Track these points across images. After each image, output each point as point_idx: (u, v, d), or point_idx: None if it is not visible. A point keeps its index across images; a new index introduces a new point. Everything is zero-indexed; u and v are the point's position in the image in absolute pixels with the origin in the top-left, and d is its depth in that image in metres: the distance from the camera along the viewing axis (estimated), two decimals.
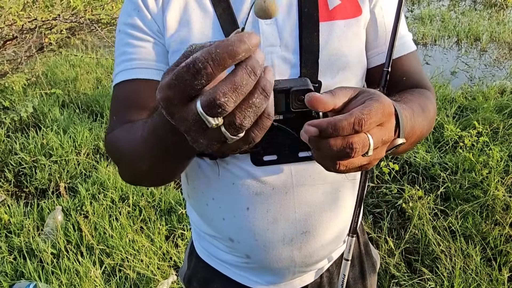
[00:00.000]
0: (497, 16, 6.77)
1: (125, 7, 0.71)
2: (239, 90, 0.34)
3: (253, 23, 0.65)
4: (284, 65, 0.65)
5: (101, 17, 3.25)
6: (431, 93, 0.72)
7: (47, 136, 2.97)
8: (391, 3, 0.72)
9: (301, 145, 0.57)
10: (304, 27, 0.64)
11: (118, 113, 0.69)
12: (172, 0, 0.67)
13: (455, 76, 4.37)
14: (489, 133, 2.82)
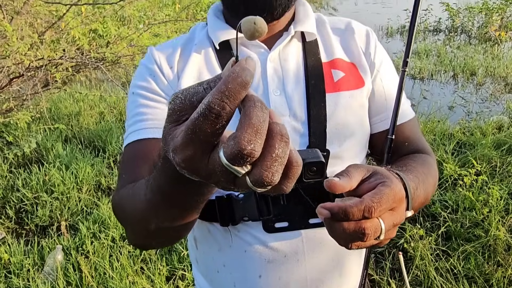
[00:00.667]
0: (492, 51, 6.94)
1: (140, 72, 0.74)
2: (260, 130, 0.32)
3: (263, 94, 0.68)
4: (294, 134, 0.67)
5: (106, 55, 3.34)
6: (432, 158, 0.76)
7: (49, 172, 2.99)
8: (390, 74, 0.78)
9: (311, 212, 0.60)
10: (311, 98, 0.68)
11: (127, 170, 0.68)
12: (186, 68, 0.71)
13: (453, 110, 4.44)
14: (487, 171, 2.84)
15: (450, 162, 2.92)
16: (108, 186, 3.02)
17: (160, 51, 0.74)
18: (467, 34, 8.72)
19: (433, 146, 3.18)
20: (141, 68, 0.74)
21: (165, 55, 0.73)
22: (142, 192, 0.54)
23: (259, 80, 0.68)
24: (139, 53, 3.37)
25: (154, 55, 0.73)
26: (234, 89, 0.32)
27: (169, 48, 0.74)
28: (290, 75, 0.69)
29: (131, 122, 0.71)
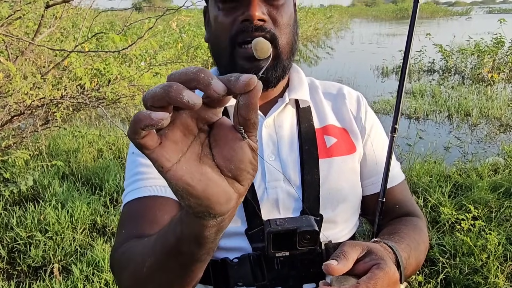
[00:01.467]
0: (485, 92, 7.09)
1: None
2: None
3: (258, 159, 0.68)
4: (288, 199, 0.69)
5: (106, 94, 3.40)
6: (422, 221, 0.77)
7: (45, 211, 2.97)
8: (380, 138, 0.81)
9: (306, 277, 0.61)
10: (305, 164, 0.70)
11: (129, 226, 0.66)
12: None
13: (449, 151, 4.48)
14: (485, 214, 2.84)
15: (447, 205, 2.92)
16: (103, 225, 2.99)
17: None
18: (460, 75, 8.94)
19: (430, 188, 3.19)
20: None
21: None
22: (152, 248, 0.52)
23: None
24: (140, 93, 3.43)
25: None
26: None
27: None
28: (285, 141, 0.71)
29: (130, 181, 0.71)
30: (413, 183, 3.36)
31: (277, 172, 0.69)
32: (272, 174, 0.69)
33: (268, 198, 0.67)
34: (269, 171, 0.69)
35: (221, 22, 0.65)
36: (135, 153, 0.72)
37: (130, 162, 0.73)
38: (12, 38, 2.73)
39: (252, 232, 0.64)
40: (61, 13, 3.59)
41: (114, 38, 2.36)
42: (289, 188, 0.69)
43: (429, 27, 22.39)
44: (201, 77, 0.32)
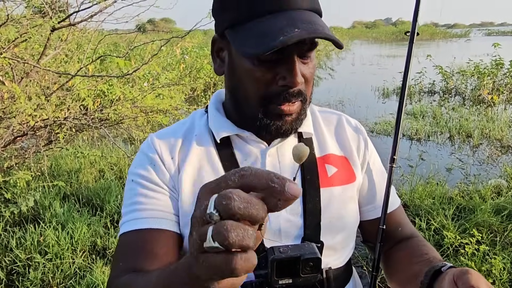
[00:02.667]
0: (486, 113, 7.11)
1: (140, 159, 0.73)
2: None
3: None
4: (290, 227, 0.70)
5: (109, 115, 3.43)
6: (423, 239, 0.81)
7: (45, 232, 2.95)
8: (378, 167, 0.84)
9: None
10: (307, 193, 0.71)
11: (126, 259, 0.66)
12: (187, 161, 0.71)
13: (451, 173, 4.47)
14: (489, 238, 2.81)
15: (450, 228, 2.90)
16: (103, 247, 2.96)
17: (161, 140, 0.74)
18: (461, 96, 8.99)
19: (432, 211, 3.16)
20: (141, 156, 0.74)
21: (166, 145, 0.73)
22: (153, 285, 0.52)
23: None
24: (142, 114, 3.46)
25: (155, 143, 0.73)
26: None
27: (170, 137, 0.74)
28: (287, 170, 0.72)
29: (128, 210, 0.70)
30: (416, 206, 3.34)
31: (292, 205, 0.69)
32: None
33: (270, 226, 0.67)
34: None
35: (257, 79, 0.63)
36: (134, 181, 0.71)
37: (129, 190, 0.72)
38: (18, 61, 2.78)
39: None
40: (66, 36, 3.66)
41: (119, 63, 2.39)
42: (290, 216, 0.70)
43: (429, 48, 22.67)
44: (276, 183, 0.34)
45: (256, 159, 0.71)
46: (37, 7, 3.48)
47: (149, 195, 0.69)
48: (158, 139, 0.74)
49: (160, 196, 0.69)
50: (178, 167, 0.71)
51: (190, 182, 0.70)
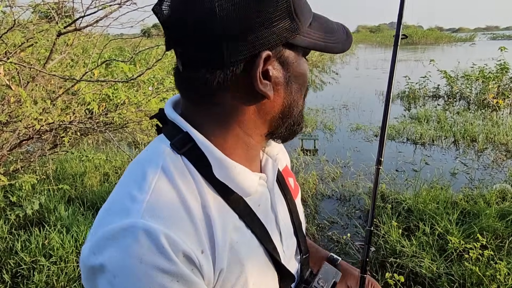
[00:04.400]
0: (491, 117, 7.08)
1: (153, 278, 0.45)
2: None
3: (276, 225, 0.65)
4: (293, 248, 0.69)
5: (114, 119, 3.45)
6: None
7: (50, 236, 2.97)
8: None
9: None
10: (292, 211, 0.70)
11: None
12: (217, 241, 0.52)
13: (455, 177, 4.45)
14: (493, 243, 2.80)
15: (454, 233, 2.88)
16: None
17: (177, 233, 0.48)
18: (465, 100, 8.96)
19: (437, 216, 3.15)
20: (151, 272, 0.45)
21: (188, 238, 0.49)
22: None
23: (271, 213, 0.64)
24: (146, 118, 3.48)
25: (174, 244, 0.47)
26: None
27: (184, 217, 0.50)
28: (278, 198, 0.67)
29: None
30: (420, 210, 3.33)
31: (286, 230, 0.67)
32: (285, 235, 0.66)
33: (285, 259, 0.64)
34: (284, 234, 0.66)
35: (307, 77, 0.60)
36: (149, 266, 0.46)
37: (147, 276, 0.45)
38: (24, 65, 2.81)
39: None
40: (72, 40, 3.70)
41: (123, 68, 2.42)
42: (290, 239, 0.69)
43: (434, 53, 22.63)
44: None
45: (266, 200, 0.63)
46: (43, 12, 3.52)
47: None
48: (174, 232, 0.47)
49: None
50: (212, 258, 0.51)
51: (228, 265, 0.53)
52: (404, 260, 2.72)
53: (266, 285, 0.58)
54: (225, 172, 0.54)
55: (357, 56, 23.17)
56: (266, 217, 0.60)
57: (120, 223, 0.46)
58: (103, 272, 0.46)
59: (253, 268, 0.55)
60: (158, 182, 0.50)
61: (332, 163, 4.96)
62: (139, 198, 0.48)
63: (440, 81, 9.68)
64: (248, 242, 0.56)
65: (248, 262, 0.55)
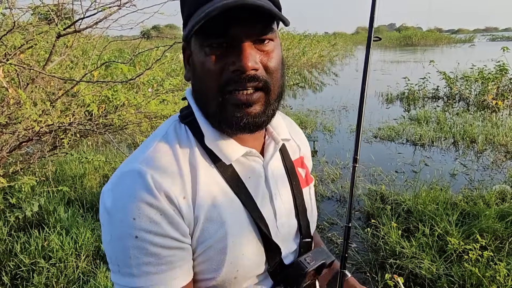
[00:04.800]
0: (490, 118, 7.09)
1: (139, 209, 0.58)
2: None
3: (269, 199, 0.71)
4: (291, 229, 0.74)
5: (114, 121, 3.45)
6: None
7: (49, 237, 2.97)
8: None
9: None
10: (296, 197, 0.76)
11: None
12: (199, 194, 0.62)
13: (455, 178, 4.45)
14: (493, 244, 2.80)
15: (454, 234, 2.88)
16: None
17: (164, 178, 0.60)
18: (465, 102, 8.97)
19: (436, 216, 3.15)
20: (138, 205, 0.58)
21: (172, 182, 0.60)
22: None
23: (264, 188, 0.70)
24: (146, 120, 3.48)
25: (159, 186, 0.59)
26: None
27: (172, 168, 0.62)
28: (280, 178, 0.74)
29: (142, 272, 0.59)
30: (419, 211, 3.33)
31: (283, 210, 0.72)
32: (281, 213, 0.71)
33: (277, 235, 0.69)
34: (279, 211, 0.71)
35: (208, 69, 0.60)
36: (140, 238, 0.58)
37: (135, 248, 0.58)
38: (24, 67, 2.81)
39: (273, 269, 0.68)
40: (72, 42, 3.70)
41: (122, 69, 2.42)
42: (290, 220, 0.74)
43: (433, 54, 22.66)
44: None
45: (259, 175, 0.70)
46: (43, 14, 3.53)
47: (163, 254, 0.59)
48: (159, 176, 0.60)
49: (176, 253, 0.61)
50: (193, 205, 0.62)
51: (207, 216, 0.62)
52: (403, 261, 2.72)
53: (247, 248, 0.64)
54: (210, 139, 0.65)
55: (356, 58, 23.20)
56: (256, 189, 0.68)
57: (124, 169, 0.62)
58: (107, 212, 0.60)
59: (234, 227, 0.63)
60: (159, 143, 0.64)
61: (332, 164, 4.97)
62: (142, 154, 0.63)
63: (439, 82, 9.70)
64: (231, 203, 0.64)
65: (229, 220, 0.63)
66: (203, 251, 0.63)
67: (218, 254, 0.63)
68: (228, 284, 0.64)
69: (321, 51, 20.88)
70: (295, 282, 0.68)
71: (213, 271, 0.63)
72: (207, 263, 0.63)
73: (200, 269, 0.64)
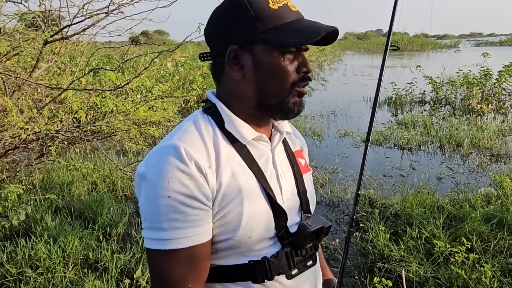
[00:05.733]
0: (476, 122, 7.21)
1: (172, 174, 0.71)
2: None
3: (277, 178, 0.85)
4: (295, 204, 0.88)
5: (102, 128, 3.44)
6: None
7: (36, 246, 2.93)
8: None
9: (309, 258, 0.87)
10: (298, 180, 0.91)
11: (191, 281, 0.74)
12: (221, 166, 0.76)
13: (441, 181, 4.52)
14: (479, 246, 2.85)
15: (441, 237, 2.93)
16: (95, 260, 2.94)
17: (194, 150, 0.74)
18: (451, 106, 9.11)
19: (423, 220, 3.20)
20: (172, 170, 0.71)
21: (201, 154, 0.75)
22: None
23: (272, 168, 0.85)
24: (135, 126, 3.47)
25: (190, 155, 0.73)
26: None
27: (200, 145, 0.76)
28: (284, 163, 0.90)
29: (171, 226, 0.71)
30: (407, 215, 3.37)
31: (288, 188, 0.87)
32: (286, 190, 0.86)
33: (283, 204, 0.83)
34: (284, 188, 0.86)
35: (286, 69, 0.78)
36: (172, 198, 0.71)
37: (167, 206, 0.71)
38: (10, 74, 2.79)
39: (280, 234, 0.82)
40: (59, 49, 3.68)
41: (111, 76, 2.41)
42: (293, 196, 0.88)
43: (420, 59, 22.99)
44: None
45: (268, 156, 0.86)
46: (29, 20, 3.50)
47: (190, 213, 0.72)
48: (190, 149, 0.74)
49: (201, 213, 0.73)
50: (216, 174, 0.76)
51: (227, 184, 0.76)
52: (392, 264, 2.75)
53: (259, 212, 0.78)
54: (230, 124, 0.80)
55: (344, 63, 23.41)
56: (266, 167, 0.83)
57: (161, 145, 0.76)
58: (143, 179, 0.73)
59: (248, 194, 0.77)
60: (189, 127, 0.79)
61: (321, 169, 5.00)
62: (175, 134, 0.78)
63: (426, 87, 9.84)
64: (246, 176, 0.79)
65: (244, 188, 0.77)
66: (223, 214, 0.75)
67: (236, 216, 0.75)
68: (243, 244, 0.77)
69: (309, 57, 21.03)
70: (299, 243, 0.82)
71: (231, 231, 0.76)
72: (226, 225, 0.75)
73: (220, 231, 0.76)
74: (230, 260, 0.79)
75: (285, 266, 0.82)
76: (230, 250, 0.78)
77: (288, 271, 0.82)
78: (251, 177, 0.80)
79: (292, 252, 0.83)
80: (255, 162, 0.81)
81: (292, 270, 0.83)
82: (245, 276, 0.80)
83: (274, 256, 0.80)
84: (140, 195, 0.75)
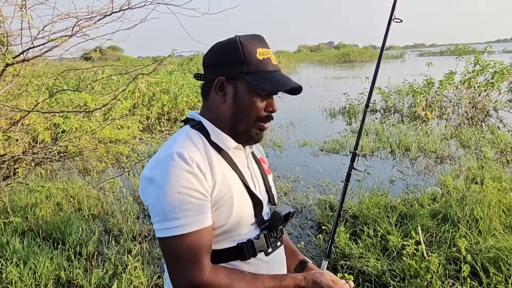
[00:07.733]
0: (422, 128, 7.79)
1: (179, 174, 0.90)
2: None
3: (252, 179, 1.08)
4: (265, 198, 1.11)
5: (68, 148, 3.48)
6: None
7: (6, 269, 2.92)
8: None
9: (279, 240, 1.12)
10: (264, 178, 1.16)
11: (203, 255, 0.92)
12: (214, 168, 0.97)
13: (393, 184, 4.89)
14: (427, 239, 3.17)
15: (395, 233, 3.23)
16: (68, 279, 2.97)
17: (194, 155, 0.94)
18: (399, 113, 9.75)
19: (378, 219, 3.50)
20: (178, 171, 0.90)
21: (200, 158, 0.95)
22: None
23: (247, 170, 1.08)
24: (101, 145, 3.53)
25: (192, 158, 0.92)
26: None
27: (196, 152, 0.96)
28: (255, 167, 1.14)
29: (184, 215, 0.90)
30: (364, 215, 3.67)
31: (259, 185, 1.11)
32: (259, 186, 1.11)
33: (260, 195, 1.08)
34: (257, 184, 1.10)
35: (257, 106, 1.01)
36: (182, 193, 0.90)
37: (178, 200, 0.90)
38: None
39: (259, 220, 1.05)
40: (19, 71, 3.68)
41: (87, 99, 2.50)
42: (263, 192, 1.12)
43: (369, 70, 24.15)
44: None
45: (244, 161, 1.09)
46: None
47: (196, 203, 0.92)
48: (191, 154, 0.93)
49: (204, 203, 0.93)
50: (211, 174, 0.96)
51: (220, 182, 0.97)
52: (352, 261, 3.00)
53: (244, 203, 1.01)
54: (216, 136, 1.02)
55: (300, 75, 24.14)
56: (244, 170, 1.06)
57: (165, 153, 0.93)
58: (152, 182, 0.91)
59: (236, 191, 0.99)
60: (183, 138, 0.98)
61: (283, 178, 5.24)
62: (173, 145, 0.95)
63: (376, 96, 10.46)
64: (232, 176, 1.01)
65: (233, 185, 0.99)
66: (219, 205, 0.96)
67: (228, 206, 0.96)
68: (234, 229, 0.98)
69: None
70: (274, 226, 1.06)
71: (225, 219, 0.96)
72: (221, 214, 0.96)
73: (217, 219, 0.96)
74: (223, 244, 0.99)
75: (264, 245, 1.05)
76: (223, 235, 0.98)
77: (266, 250, 1.06)
78: (235, 177, 1.02)
79: (268, 234, 1.06)
80: (237, 166, 1.04)
81: (268, 248, 1.06)
82: (236, 256, 1.01)
83: (256, 237, 1.03)
84: (149, 196, 0.92)
